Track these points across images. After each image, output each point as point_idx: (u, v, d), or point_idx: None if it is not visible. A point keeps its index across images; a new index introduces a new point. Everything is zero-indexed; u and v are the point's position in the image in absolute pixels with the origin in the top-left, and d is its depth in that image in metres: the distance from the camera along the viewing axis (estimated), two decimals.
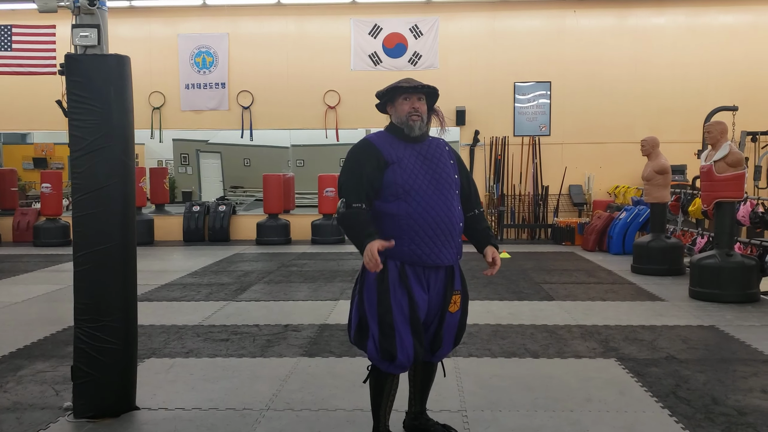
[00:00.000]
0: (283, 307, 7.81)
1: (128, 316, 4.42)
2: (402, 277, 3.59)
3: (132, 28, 15.22)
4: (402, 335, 3.56)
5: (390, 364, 3.60)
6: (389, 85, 3.76)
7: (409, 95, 3.71)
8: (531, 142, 14.90)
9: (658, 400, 4.63)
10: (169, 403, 4.63)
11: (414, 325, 3.59)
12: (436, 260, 3.63)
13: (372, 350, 3.63)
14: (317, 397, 4.73)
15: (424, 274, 3.65)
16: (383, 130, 3.83)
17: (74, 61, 4.29)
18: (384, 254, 3.52)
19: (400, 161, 3.62)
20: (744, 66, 14.55)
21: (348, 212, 3.58)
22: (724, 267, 7.82)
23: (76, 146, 4.28)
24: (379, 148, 3.65)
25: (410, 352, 3.58)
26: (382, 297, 3.58)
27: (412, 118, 3.68)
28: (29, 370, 5.36)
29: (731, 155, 7.75)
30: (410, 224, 3.57)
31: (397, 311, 3.56)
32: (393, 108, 3.78)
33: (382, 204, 3.62)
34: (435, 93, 3.81)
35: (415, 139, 3.71)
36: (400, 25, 14.84)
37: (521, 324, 6.87)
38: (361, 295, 3.68)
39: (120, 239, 4.33)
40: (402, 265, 3.60)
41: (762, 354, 5.74)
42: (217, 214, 14.93)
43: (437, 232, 3.60)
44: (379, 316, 3.58)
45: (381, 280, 3.58)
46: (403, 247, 3.57)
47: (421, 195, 3.59)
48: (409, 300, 3.58)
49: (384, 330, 3.56)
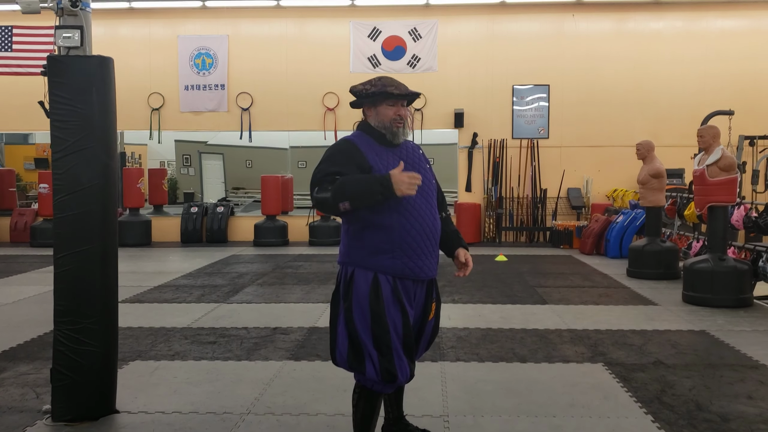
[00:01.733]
0: (274, 309, 7.79)
1: (108, 318, 4.39)
2: (395, 293, 3.45)
3: (132, 30, 15.28)
4: (399, 353, 3.42)
5: (388, 384, 3.47)
6: (372, 86, 3.56)
7: (395, 101, 3.56)
8: (529, 144, 14.87)
9: (642, 405, 4.60)
10: (149, 406, 4.61)
11: (407, 342, 3.46)
12: (428, 273, 3.54)
13: (372, 373, 3.42)
14: (299, 401, 4.71)
15: (413, 287, 3.54)
16: (358, 130, 3.64)
17: (57, 62, 4.27)
18: (373, 269, 3.43)
19: (387, 168, 3.44)
20: (742, 70, 14.53)
21: (337, 183, 3.31)
22: (717, 271, 7.78)
23: (57, 147, 4.27)
24: (363, 151, 3.48)
25: (407, 370, 3.46)
26: (377, 315, 3.39)
27: (396, 124, 3.54)
28: (12, 373, 5.34)
29: (723, 159, 7.72)
30: (403, 236, 3.43)
31: (392, 329, 3.40)
32: (374, 110, 3.58)
33: (373, 215, 3.41)
34: (416, 98, 3.69)
35: (395, 144, 3.60)
36: (399, 28, 14.84)
37: (512, 328, 6.84)
38: (349, 314, 3.46)
39: (100, 241, 4.31)
40: (394, 280, 3.45)
41: (751, 359, 5.70)
42: (215, 215, 14.93)
43: (427, 243, 3.50)
44: (375, 337, 3.40)
45: (375, 297, 3.40)
46: (395, 260, 3.43)
47: (412, 204, 3.45)
48: (402, 317, 3.45)
49: (382, 350, 3.39)
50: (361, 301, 3.43)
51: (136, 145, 20.95)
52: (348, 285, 3.50)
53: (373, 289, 3.41)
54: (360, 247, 3.49)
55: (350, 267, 3.52)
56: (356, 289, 3.45)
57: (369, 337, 3.41)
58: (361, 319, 3.43)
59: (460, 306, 7.91)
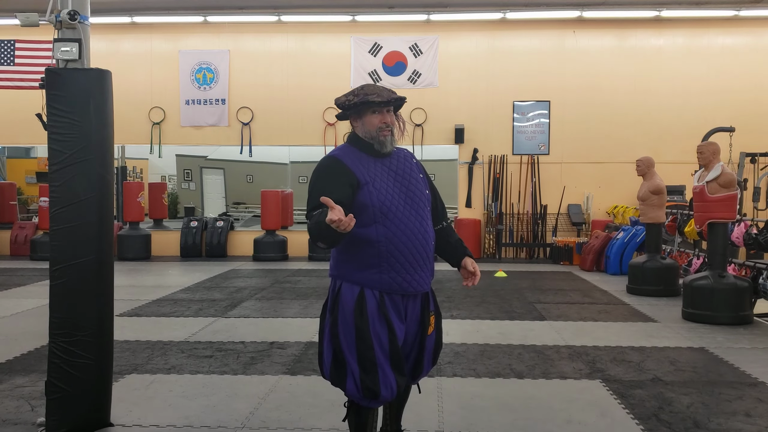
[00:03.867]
0: (272, 324, 7.77)
1: (103, 331, 4.37)
2: (381, 308, 3.38)
3: (134, 44, 15.34)
4: (385, 370, 3.37)
5: (372, 401, 3.42)
6: (355, 96, 3.47)
7: (379, 108, 3.49)
8: (530, 160, 14.88)
9: (639, 422, 4.57)
10: (144, 419, 4.58)
11: (394, 358, 3.40)
12: (417, 287, 3.47)
13: (353, 389, 3.41)
14: (294, 416, 4.68)
15: (402, 302, 3.49)
16: (346, 143, 3.58)
17: (55, 74, 4.29)
18: (360, 283, 3.39)
19: (374, 181, 3.39)
20: (743, 87, 14.52)
21: (309, 226, 3.23)
22: (717, 288, 7.76)
23: (54, 159, 4.27)
24: (350, 167, 3.39)
25: (393, 386, 3.41)
26: (361, 331, 3.35)
27: (383, 133, 3.46)
28: (7, 385, 5.32)
29: (723, 176, 7.72)
30: (390, 250, 3.37)
31: (377, 345, 3.35)
32: (359, 120, 3.50)
33: (360, 229, 3.30)
34: (402, 102, 3.60)
35: (384, 154, 3.52)
36: (400, 44, 14.89)
37: (509, 344, 6.81)
38: (334, 329, 3.43)
39: (96, 253, 4.30)
40: (381, 295, 3.40)
41: (749, 377, 5.67)
42: (215, 230, 14.93)
43: (416, 256, 3.43)
44: (359, 353, 3.36)
45: (359, 312, 3.36)
46: (382, 274, 3.38)
47: (398, 217, 3.39)
48: (389, 332, 3.39)
49: (365, 366, 3.35)
50: (347, 317, 3.40)
51: (137, 159, 20.98)
52: (335, 299, 3.47)
53: (358, 303, 3.37)
54: (347, 261, 3.46)
55: (338, 281, 3.49)
56: (342, 304, 3.42)
57: (353, 353, 3.38)
58: (345, 335, 3.40)
59: (459, 321, 7.88)
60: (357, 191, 3.36)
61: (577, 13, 14.24)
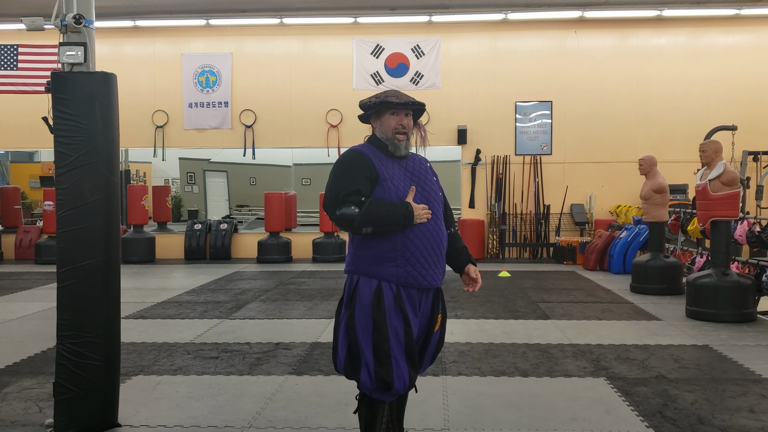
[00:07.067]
0: (277, 325, 7.80)
1: (111, 332, 4.41)
2: (398, 301, 3.49)
3: (136, 48, 15.39)
4: (399, 362, 3.46)
5: (385, 392, 3.50)
6: (377, 98, 3.65)
7: (398, 111, 3.64)
8: (532, 161, 14.90)
9: (643, 419, 4.59)
10: (151, 420, 4.62)
11: (409, 350, 3.49)
12: (432, 281, 3.58)
13: (366, 380, 3.49)
14: (301, 415, 4.71)
15: (417, 296, 3.58)
16: (366, 142, 3.73)
17: (60, 78, 4.32)
18: (378, 276, 3.49)
19: (392, 178, 3.55)
20: (745, 86, 14.52)
21: (366, 209, 3.40)
22: (720, 286, 7.77)
23: (61, 162, 4.31)
24: (372, 161, 3.54)
25: (406, 378, 3.49)
26: (378, 323, 3.44)
27: (398, 137, 3.61)
28: (15, 387, 5.36)
29: (726, 174, 7.74)
30: (406, 244, 3.49)
31: (393, 337, 3.44)
32: (378, 121, 3.67)
33: None
34: (422, 109, 3.76)
35: (399, 156, 3.66)
36: (402, 45, 14.92)
37: (514, 343, 6.83)
38: (351, 321, 3.53)
39: (103, 255, 4.34)
40: (398, 288, 3.50)
41: (753, 374, 5.69)
42: (219, 232, 14.96)
43: (430, 252, 3.55)
44: (374, 344, 3.45)
45: (377, 305, 3.46)
46: (398, 268, 3.49)
47: None
48: (405, 325, 3.49)
49: (380, 357, 3.43)
50: (364, 309, 3.49)
51: (140, 162, 21.03)
52: (353, 293, 3.56)
53: (375, 296, 3.47)
54: (365, 256, 3.56)
55: (356, 276, 3.59)
56: (360, 297, 3.52)
57: (369, 345, 3.46)
58: (362, 327, 3.49)
59: (463, 321, 7.90)
60: (375, 186, 3.52)
61: (579, 14, 14.26)
